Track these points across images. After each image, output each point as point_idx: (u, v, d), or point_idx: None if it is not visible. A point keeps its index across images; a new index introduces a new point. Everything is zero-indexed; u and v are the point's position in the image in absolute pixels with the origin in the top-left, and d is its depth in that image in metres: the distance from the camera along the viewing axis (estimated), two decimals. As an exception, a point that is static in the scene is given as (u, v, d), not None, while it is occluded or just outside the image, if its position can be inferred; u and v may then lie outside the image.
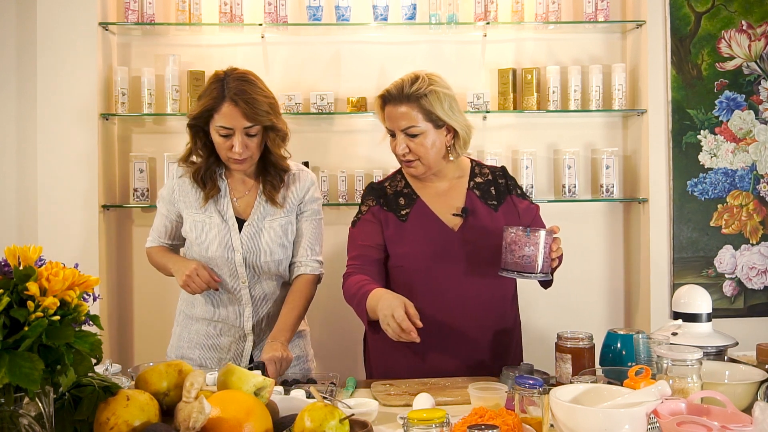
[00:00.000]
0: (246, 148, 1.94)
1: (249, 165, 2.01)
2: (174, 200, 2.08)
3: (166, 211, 2.11)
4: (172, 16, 2.97)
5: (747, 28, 3.04)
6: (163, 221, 2.13)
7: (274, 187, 2.05)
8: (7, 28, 3.00)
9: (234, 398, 1.18)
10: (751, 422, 1.19)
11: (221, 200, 2.05)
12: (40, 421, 1.05)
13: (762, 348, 1.67)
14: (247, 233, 2.03)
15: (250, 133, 1.94)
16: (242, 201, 2.07)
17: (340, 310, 2.94)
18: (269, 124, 1.95)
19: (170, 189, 2.10)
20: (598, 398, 1.32)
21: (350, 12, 2.95)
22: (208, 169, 2.04)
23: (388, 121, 1.95)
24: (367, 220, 2.03)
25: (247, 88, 1.93)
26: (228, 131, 1.93)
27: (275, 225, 2.05)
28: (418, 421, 1.17)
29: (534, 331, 3.00)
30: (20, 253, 1.05)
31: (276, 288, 2.10)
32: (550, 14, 2.98)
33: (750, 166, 3.06)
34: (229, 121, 1.91)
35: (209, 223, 2.03)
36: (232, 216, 2.04)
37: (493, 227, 1.96)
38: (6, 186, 3.01)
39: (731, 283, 3.07)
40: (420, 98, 1.89)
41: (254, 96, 1.92)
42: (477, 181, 2.05)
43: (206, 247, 2.03)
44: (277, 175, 2.05)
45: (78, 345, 1.05)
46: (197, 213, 2.04)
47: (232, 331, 2.08)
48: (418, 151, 1.93)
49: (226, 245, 2.02)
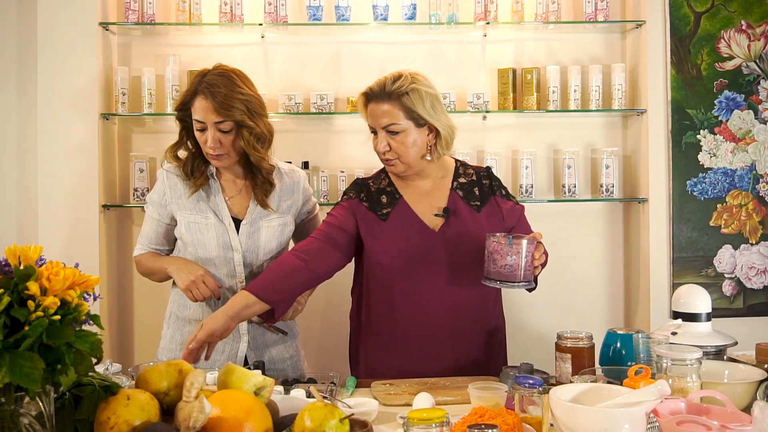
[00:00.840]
0: (220, 145, 1.95)
1: (227, 162, 2.01)
2: (166, 203, 2.06)
3: (158, 215, 2.09)
4: (172, 16, 2.97)
5: (746, 28, 3.04)
6: (154, 226, 2.11)
7: (265, 193, 2.05)
8: (7, 28, 3.00)
9: (234, 398, 1.18)
10: (750, 422, 1.19)
11: (215, 199, 2.04)
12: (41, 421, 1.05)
13: (761, 347, 1.67)
14: (245, 232, 2.03)
15: (223, 129, 1.94)
16: (235, 201, 2.07)
17: (339, 310, 2.94)
18: (240, 121, 1.94)
19: (161, 192, 2.08)
20: (598, 398, 1.32)
21: (350, 12, 2.95)
22: (195, 161, 2.04)
23: (370, 119, 1.95)
24: (342, 206, 2.02)
25: (222, 83, 1.93)
26: (202, 125, 1.95)
27: (273, 224, 2.07)
28: (418, 421, 1.18)
29: (534, 331, 3.00)
30: (21, 253, 1.05)
31: None
32: (550, 14, 2.98)
33: (749, 165, 3.06)
34: (201, 115, 1.94)
35: (206, 223, 2.02)
36: (228, 215, 2.04)
37: (474, 228, 1.96)
38: (6, 186, 3.01)
39: (731, 283, 3.07)
40: (401, 96, 1.89)
41: (226, 92, 1.92)
42: (460, 182, 2.04)
43: (204, 248, 2.02)
44: (266, 181, 2.04)
45: (78, 344, 1.05)
46: (192, 214, 2.03)
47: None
48: (398, 150, 1.92)
49: (225, 245, 2.02)
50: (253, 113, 1.97)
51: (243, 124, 1.95)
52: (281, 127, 3.05)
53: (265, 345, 2.10)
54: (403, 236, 1.96)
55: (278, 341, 2.12)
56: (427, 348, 1.94)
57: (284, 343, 2.13)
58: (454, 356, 1.95)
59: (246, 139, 1.96)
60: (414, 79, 1.92)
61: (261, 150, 2.00)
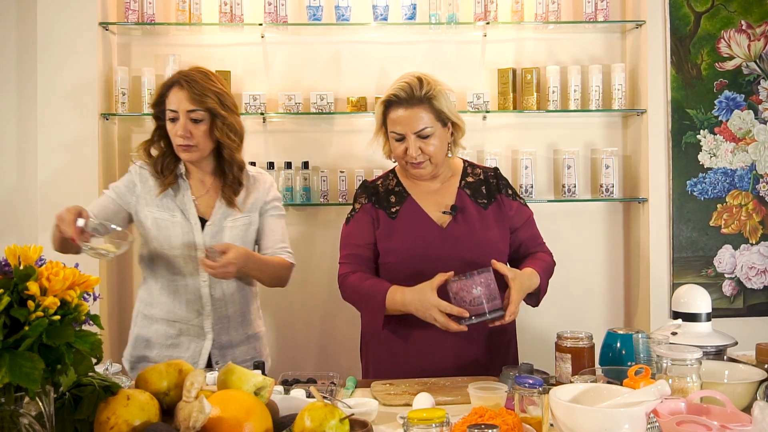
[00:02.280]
0: (190, 135, 1.98)
1: (196, 155, 2.04)
2: (135, 194, 2.08)
3: (116, 196, 2.10)
4: (172, 16, 2.97)
5: (746, 28, 3.04)
6: (105, 202, 2.09)
7: (234, 192, 2.08)
8: (7, 28, 3.00)
9: (234, 398, 1.18)
10: (750, 422, 1.19)
11: (182, 198, 2.08)
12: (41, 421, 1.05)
13: (761, 347, 1.67)
14: (209, 232, 2.06)
15: (195, 118, 1.98)
16: (202, 201, 2.10)
17: (339, 310, 2.94)
18: (213, 109, 1.98)
19: (130, 183, 2.11)
20: (598, 398, 1.32)
21: (350, 12, 2.95)
22: (166, 159, 2.08)
23: (398, 125, 1.95)
24: (359, 219, 2.05)
25: (198, 77, 2.01)
26: (174, 114, 1.99)
27: (237, 224, 2.09)
28: (418, 421, 1.17)
29: (534, 331, 3.00)
30: (20, 253, 1.05)
31: (236, 289, 2.12)
32: (549, 14, 2.98)
33: (749, 165, 3.06)
34: (175, 104, 1.98)
35: (172, 221, 2.06)
36: (194, 215, 2.07)
37: (481, 226, 1.99)
38: (6, 185, 3.01)
39: (731, 283, 3.07)
40: (432, 99, 1.94)
41: (201, 82, 1.99)
42: (468, 180, 2.08)
43: (169, 245, 2.05)
44: (235, 180, 2.07)
45: (78, 345, 1.05)
46: (159, 210, 2.07)
47: (192, 331, 2.09)
48: (430, 152, 1.96)
49: (189, 243, 2.05)
50: (225, 106, 2.01)
51: (216, 113, 1.99)
52: (281, 127, 3.06)
53: (230, 344, 2.12)
54: (412, 233, 1.99)
55: (243, 341, 2.15)
56: (434, 345, 1.95)
57: (249, 344, 2.16)
58: (465, 352, 1.96)
59: (219, 128, 2.00)
60: (434, 81, 1.97)
61: (235, 140, 2.04)
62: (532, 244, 2.08)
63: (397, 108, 1.95)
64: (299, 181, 2.97)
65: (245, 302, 2.16)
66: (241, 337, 2.14)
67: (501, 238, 2.02)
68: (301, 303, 3.09)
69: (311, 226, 3.09)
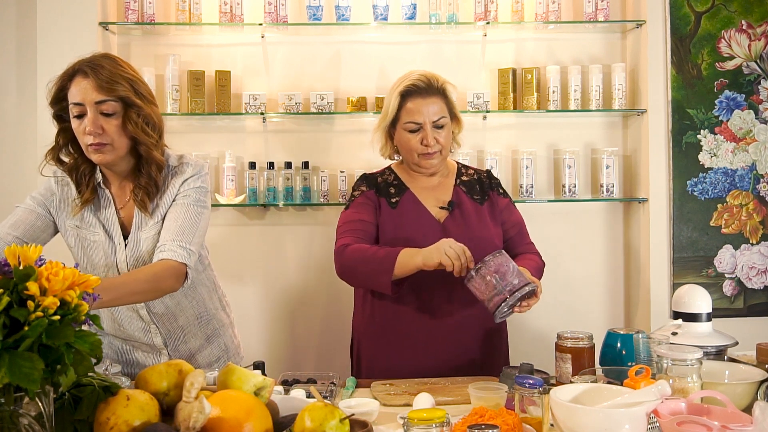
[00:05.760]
0: (102, 131, 1.68)
1: (111, 156, 1.72)
2: (54, 206, 1.82)
3: (35, 206, 1.82)
4: (172, 16, 2.97)
5: (747, 28, 3.04)
6: (27, 218, 1.80)
7: (147, 194, 1.76)
8: (7, 28, 3.00)
9: (234, 398, 1.18)
10: (751, 422, 1.19)
11: (105, 212, 1.80)
12: (40, 421, 1.05)
13: (762, 348, 1.67)
14: (129, 250, 1.79)
15: (105, 111, 1.68)
16: (124, 211, 1.82)
17: (339, 310, 2.94)
18: (125, 98, 1.68)
19: (50, 191, 1.83)
20: (598, 398, 1.32)
21: (350, 12, 2.95)
22: (80, 168, 1.78)
23: (415, 115, 1.99)
24: (361, 203, 2.06)
25: (106, 63, 1.70)
26: (80, 108, 1.68)
27: (150, 235, 1.78)
28: (418, 421, 1.17)
29: (534, 331, 3.00)
30: (20, 253, 1.05)
31: (182, 297, 1.88)
32: (550, 14, 2.98)
33: (750, 165, 3.06)
34: (80, 96, 1.67)
35: (93, 240, 1.80)
36: (118, 231, 1.79)
37: (477, 221, 2.03)
38: (6, 186, 3.01)
39: (731, 283, 3.07)
40: (445, 91, 2.03)
41: (111, 69, 1.69)
42: (463, 179, 2.13)
43: (92, 266, 1.81)
44: (151, 181, 1.76)
45: (78, 345, 1.05)
46: (81, 228, 1.80)
47: (144, 347, 1.92)
48: (442, 142, 2.02)
49: (111, 265, 1.79)
50: (139, 94, 1.71)
51: (129, 103, 1.69)
52: (281, 127, 3.06)
53: (189, 354, 1.93)
54: (410, 225, 2.01)
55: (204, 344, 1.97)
56: (431, 340, 1.96)
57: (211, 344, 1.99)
58: (456, 350, 1.97)
59: (134, 121, 1.70)
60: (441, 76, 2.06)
61: (153, 135, 1.74)
62: (520, 242, 2.10)
63: (416, 97, 2.00)
64: (299, 181, 2.97)
65: (198, 304, 1.94)
66: (201, 341, 1.96)
67: (496, 234, 2.05)
68: (301, 303, 3.09)
69: (311, 226, 3.08)
